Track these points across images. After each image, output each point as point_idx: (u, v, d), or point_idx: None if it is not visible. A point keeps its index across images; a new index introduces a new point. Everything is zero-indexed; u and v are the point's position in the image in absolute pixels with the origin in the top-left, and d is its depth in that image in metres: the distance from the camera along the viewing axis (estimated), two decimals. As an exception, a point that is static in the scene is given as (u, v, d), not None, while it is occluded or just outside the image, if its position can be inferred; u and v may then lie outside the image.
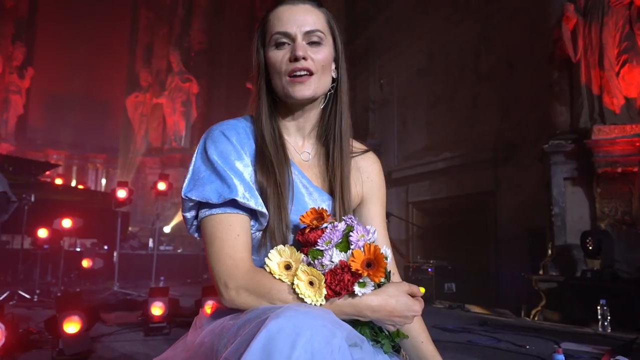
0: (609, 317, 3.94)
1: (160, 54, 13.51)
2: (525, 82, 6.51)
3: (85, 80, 13.04)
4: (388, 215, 6.45)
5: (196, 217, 1.06)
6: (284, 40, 1.07)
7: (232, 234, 1.00)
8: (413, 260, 7.21)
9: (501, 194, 6.88)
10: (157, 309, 3.44)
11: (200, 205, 1.04)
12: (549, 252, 5.23)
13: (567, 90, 5.33)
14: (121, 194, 6.27)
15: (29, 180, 5.73)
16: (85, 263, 6.33)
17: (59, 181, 8.85)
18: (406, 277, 6.95)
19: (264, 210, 1.03)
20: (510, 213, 6.66)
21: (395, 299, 0.96)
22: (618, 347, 1.81)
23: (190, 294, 5.16)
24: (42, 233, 5.34)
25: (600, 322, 3.96)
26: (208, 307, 3.36)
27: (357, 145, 1.26)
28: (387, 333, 1.07)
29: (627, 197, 4.89)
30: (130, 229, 9.07)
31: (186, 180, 1.05)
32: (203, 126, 12.97)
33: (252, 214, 1.04)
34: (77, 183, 12.44)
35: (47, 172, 7.81)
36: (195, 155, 1.08)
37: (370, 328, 1.04)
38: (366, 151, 1.27)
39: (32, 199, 5.49)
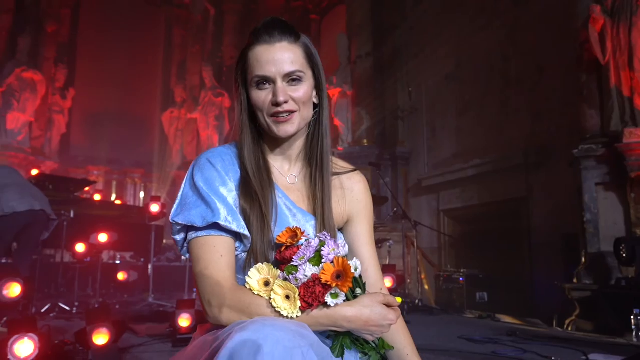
0: (643, 327, 3.82)
1: (193, 70, 13.91)
2: (556, 85, 6.41)
3: (123, 99, 13.51)
4: (416, 224, 6.46)
5: (185, 239, 1.13)
6: (264, 82, 1.13)
7: (216, 255, 1.07)
8: (444, 270, 7.14)
9: (534, 200, 6.76)
10: (184, 321, 3.55)
11: (188, 228, 1.11)
12: (583, 259, 5.11)
13: (596, 93, 5.23)
14: (154, 208, 6.50)
15: (68, 197, 6.01)
16: (121, 276, 6.56)
17: (97, 197, 9.23)
18: (437, 286, 6.90)
19: (246, 232, 1.10)
20: (543, 220, 6.53)
21: (370, 309, 1.00)
22: (634, 356, 1.78)
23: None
24: (80, 248, 5.58)
25: (634, 332, 3.84)
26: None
27: (342, 165, 1.31)
28: (374, 345, 1.12)
29: (663, 202, 4.74)
30: (165, 241, 9.33)
31: (175, 206, 1.14)
32: (235, 139, 13.24)
33: (236, 236, 1.11)
34: (117, 197, 12.87)
35: (86, 189, 8.15)
36: (184, 181, 1.17)
37: (355, 340, 1.09)
38: (352, 170, 1.32)
39: (72, 215, 5.76)
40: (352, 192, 1.29)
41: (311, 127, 1.24)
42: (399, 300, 1.13)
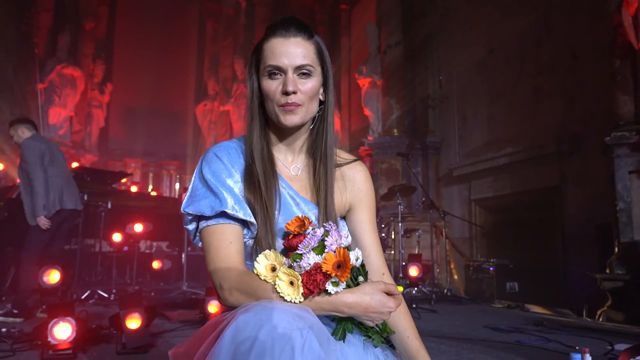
0: (675, 318, 3.73)
1: (225, 62, 14.12)
2: (590, 71, 6.23)
3: (158, 92, 13.84)
4: (445, 214, 6.43)
5: (197, 228, 1.22)
6: (277, 72, 1.19)
7: (225, 242, 1.15)
8: (473, 259, 7.08)
9: (567, 188, 6.61)
10: (213, 307, 3.69)
11: (199, 218, 1.20)
12: (616, 249, 4.99)
13: (630, 79, 5.07)
14: (187, 198, 6.68)
15: (106, 189, 6.25)
16: (156, 264, 6.80)
17: (134, 189, 9.54)
18: (466, 276, 6.87)
19: (252, 220, 1.17)
20: (577, 209, 6.39)
21: (370, 297, 1.05)
22: (637, 346, 1.77)
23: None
24: (117, 237, 5.82)
25: (666, 323, 3.76)
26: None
27: (343, 156, 1.36)
28: (377, 329, 1.18)
29: (700, 190, 4.58)
30: (199, 231, 9.58)
31: (186, 197, 1.22)
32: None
33: (244, 224, 1.18)
34: (153, 189, 13.24)
35: (123, 181, 8.43)
36: (194, 174, 1.25)
37: (358, 324, 1.15)
38: (354, 160, 1.37)
39: (109, 206, 6.00)
40: (354, 182, 1.35)
41: (316, 122, 1.29)
42: (400, 289, 1.18)
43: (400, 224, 5.99)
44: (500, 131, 7.94)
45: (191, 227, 1.23)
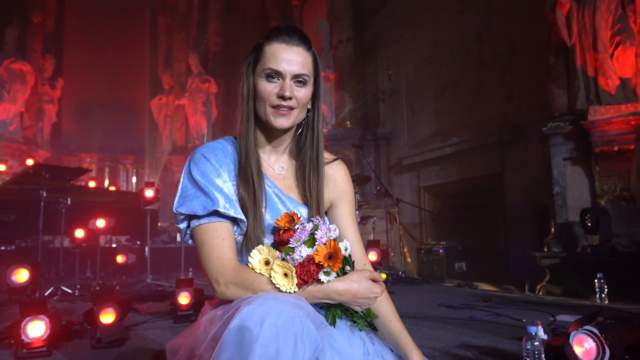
0: (606, 290, 4.00)
1: (179, 57, 13.74)
2: (527, 66, 6.53)
3: (112, 87, 13.34)
4: (398, 201, 6.60)
5: (188, 227, 1.22)
6: (275, 75, 1.20)
7: (218, 239, 1.17)
8: (424, 243, 7.32)
9: (507, 175, 6.94)
10: (183, 299, 3.65)
11: (190, 217, 1.20)
12: (552, 229, 5.30)
13: (563, 74, 5.36)
14: (149, 193, 6.53)
15: (65, 185, 6.00)
16: (120, 259, 6.62)
17: (92, 184, 9.21)
18: (418, 258, 7.09)
19: (243, 217, 1.19)
20: (516, 193, 6.72)
21: (358, 284, 1.11)
22: (587, 316, 1.92)
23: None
24: (79, 233, 5.62)
25: (598, 294, 4.04)
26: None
27: (326, 156, 1.39)
28: (362, 314, 1.23)
29: (625, 174, 4.92)
30: (160, 224, 9.38)
31: (176, 198, 1.22)
32: (224, 124, 13.19)
33: (234, 221, 1.20)
34: (110, 184, 12.80)
35: (82, 177, 8.12)
36: (182, 175, 1.25)
37: (345, 310, 1.20)
38: (334, 160, 1.41)
39: (69, 202, 5.77)
40: (335, 180, 1.39)
41: (303, 128, 1.33)
42: (383, 276, 1.24)
43: (357, 212, 6.10)
44: (446, 122, 8.20)
45: (183, 225, 1.23)
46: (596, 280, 4.04)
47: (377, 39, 9.76)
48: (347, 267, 1.18)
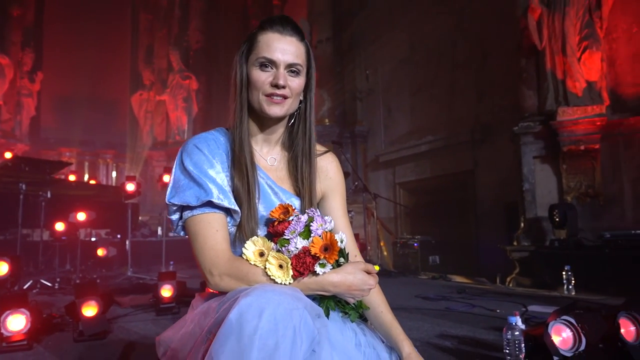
0: (573, 281, 4.07)
1: (160, 53, 13.47)
2: (498, 68, 6.60)
3: (92, 81, 12.99)
4: (376, 196, 6.61)
5: (180, 218, 1.16)
6: (268, 64, 1.16)
7: (212, 230, 1.11)
8: (400, 237, 7.35)
9: (479, 172, 7.01)
10: (166, 291, 3.55)
11: (183, 208, 1.14)
12: (522, 224, 5.37)
13: (534, 76, 5.42)
14: (130, 187, 6.37)
15: (45, 178, 5.78)
16: (100, 252, 6.42)
17: (72, 177, 8.90)
18: (394, 252, 7.11)
19: (237, 208, 1.14)
20: (487, 190, 6.80)
21: (353, 276, 1.07)
22: (565, 307, 1.93)
23: (196, 276, 5.28)
24: (60, 226, 5.43)
25: (565, 286, 4.10)
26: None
27: (318, 148, 1.35)
28: (353, 305, 1.19)
29: (590, 172, 5.01)
30: (140, 218, 9.17)
31: (168, 189, 1.16)
32: (204, 120, 13.00)
33: (227, 212, 1.14)
34: (90, 178, 12.45)
35: (62, 170, 7.86)
36: (174, 166, 1.19)
37: (337, 302, 1.16)
38: (326, 152, 1.36)
39: (49, 195, 5.57)
40: (327, 172, 1.35)
41: (295, 119, 1.28)
42: (376, 268, 1.20)
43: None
44: (421, 121, 8.25)
45: (175, 217, 1.17)
46: (564, 273, 4.10)
47: (355, 40, 9.74)
48: (342, 259, 1.14)
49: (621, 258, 4.01)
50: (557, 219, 4.67)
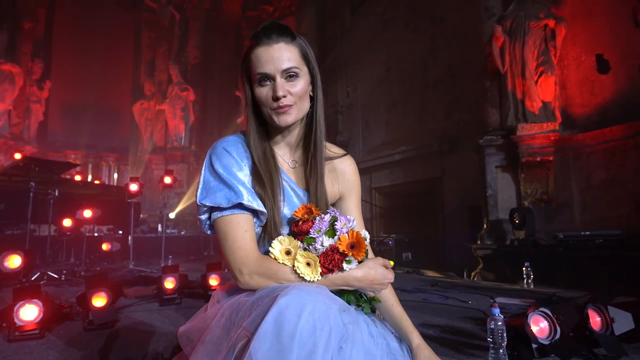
0: (532, 276, 4.10)
1: (161, 67, 13.21)
2: (465, 88, 6.65)
3: (97, 90, 12.64)
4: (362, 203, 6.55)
5: (209, 218, 1.08)
6: (265, 79, 1.06)
7: (241, 231, 1.03)
8: (377, 235, 7.31)
9: (446, 179, 7.04)
10: (169, 283, 3.42)
11: (212, 209, 1.05)
12: (485, 225, 5.39)
13: (496, 96, 5.47)
14: (133, 187, 6.18)
15: (53, 178, 5.54)
16: (105, 246, 6.21)
17: (78, 177, 8.62)
18: (371, 249, 7.06)
19: (264, 209, 1.06)
20: (453, 195, 6.83)
21: (374, 271, 1.01)
22: (541, 300, 1.90)
23: (195, 269, 5.14)
24: (67, 222, 5.22)
25: (525, 280, 4.12)
26: (213, 279, 3.30)
27: (335, 150, 1.27)
28: (366, 298, 1.13)
29: (544, 181, 5.07)
30: (141, 216, 8.91)
31: (199, 190, 1.07)
32: (200, 128, 12.78)
33: (254, 213, 1.07)
34: (93, 178, 12.11)
35: (69, 171, 7.56)
36: (203, 168, 1.09)
37: (354, 295, 1.09)
38: (344, 155, 1.28)
39: (56, 193, 5.35)
40: (344, 174, 1.26)
41: (308, 117, 1.18)
42: (391, 263, 1.14)
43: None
44: (395, 133, 8.26)
45: (204, 217, 1.08)
46: (524, 268, 4.12)
47: (338, 61, 9.73)
48: (363, 257, 1.07)
49: (572, 256, 4.05)
50: (516, 221, 4.70)
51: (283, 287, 0.89)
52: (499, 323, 1.83)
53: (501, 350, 1.68)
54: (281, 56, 1.05)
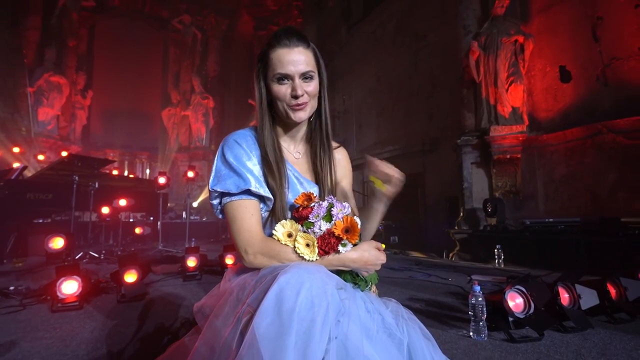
0: (502, 257, 4.04)
1: (185, 79, 13.09)
2: (444, 96, 6.55)
3: (132, 98, 12.53)
4: (353, 192, 6.48)
5: (220, 203, 1.02)
6: (285, 78, 1.01)
7: (248, 214, 0.97)
8: (369, 221, 7.24)
9: (427, 174, 6.96)
10: (191, 262, 3.36)
11: (223, 194, 1.00)
12: (461, 213, 5.32)
13: (472, 102, 5.38)
14: (162, 180, 6.11)
15: (93, 172, 5.47)
16: (138, 230, 6.15)
17: (115, 172, 8.55)
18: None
19: (270, 195, 1.00)
20: (434, 187, 6.75)
21: (368, 253, 0.95)
22: (517, 278, 1.83)
23: (214, 250, 5.08)
24: (105, 210, 5.15)
25: (497, 260, 4.06)
26: (229, 259, 3.22)
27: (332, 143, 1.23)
28: (362, 277, 1.06)
29: (513, 175, 5.00)
30: (168, 204, 8.84)
31: (211, 177, 1.01)
32: (218, 130, 12.68)
33: (261, 199, 1.01)
34: (129, 173, 12.04)
35: (107, 166, 7.48)
36: (216, 158, 1.04)
37: (351, 275, 1.02)
38: (338, 146, 1.25)
39: (96, 185, 5.27)
40: (340, 161, 1.23)
41: (313, 115, 1.12)
42: (383, 246, 1.07)
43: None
44: (384, 135, 8.16)
45: (215, 202, 1.02)
46: (495, 250, 4.05)
47: (335, 73, 9.61)
48: (357, 240, 1.00)
49: (538, 239, 3.98)
50: (489, 210, 4.63)
51: (283, 267, 0.82)
52: (480, 299, 1.77)
53: (481, 323, 1.61)
54: (300, 59, 1.01)
